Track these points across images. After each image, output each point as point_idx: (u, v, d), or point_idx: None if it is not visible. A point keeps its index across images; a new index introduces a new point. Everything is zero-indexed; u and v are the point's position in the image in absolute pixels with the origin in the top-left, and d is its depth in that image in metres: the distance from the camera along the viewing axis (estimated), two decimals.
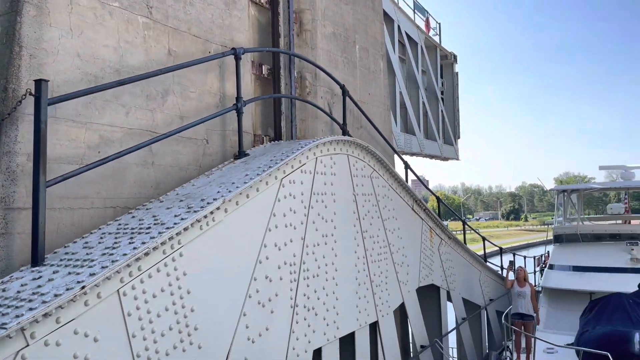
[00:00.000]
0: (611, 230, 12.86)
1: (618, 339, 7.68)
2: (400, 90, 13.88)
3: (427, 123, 16.16)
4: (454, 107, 18.70)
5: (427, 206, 9.78)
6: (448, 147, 17.73)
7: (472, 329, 11.88)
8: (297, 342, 5.68)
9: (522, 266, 10.98)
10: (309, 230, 6.12)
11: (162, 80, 5.75)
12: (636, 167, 14.68)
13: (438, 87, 17.30)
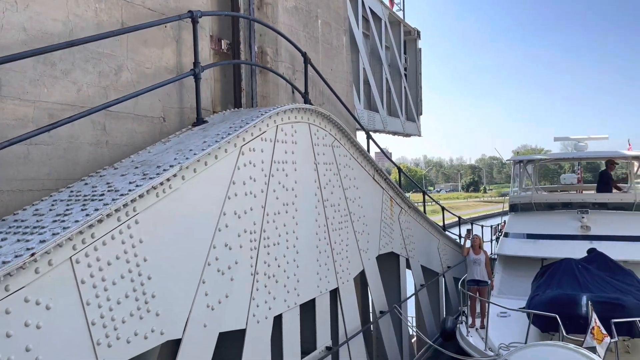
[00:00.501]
0: (564, 200, 13.35)
1: (566, 302, 8.04)
2: (364, 66, 13.77)
3: (390, 100, 16.15)
4: (417, 83, 18.74)
5: (388, 176, 9.89)
6: (410, 124, 17.82)
7: (430, 295, 12.25)
8: (257, 309, 5.72)
9: (478, 234, 11.29)
10: (269, 199, 6.10)
11: (115, 56, 5.53)
12: (589, 138, 15.19)
13: (401, 63, 17.26)
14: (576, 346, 3.11)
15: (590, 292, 8.28)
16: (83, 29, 5.19)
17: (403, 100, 17.34)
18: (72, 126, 4.96)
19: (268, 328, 5.89)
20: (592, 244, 11.17)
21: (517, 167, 15.22)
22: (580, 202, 12.86)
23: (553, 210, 13.12)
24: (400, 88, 17.14)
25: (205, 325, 4.94)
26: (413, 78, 18.62)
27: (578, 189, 15.66)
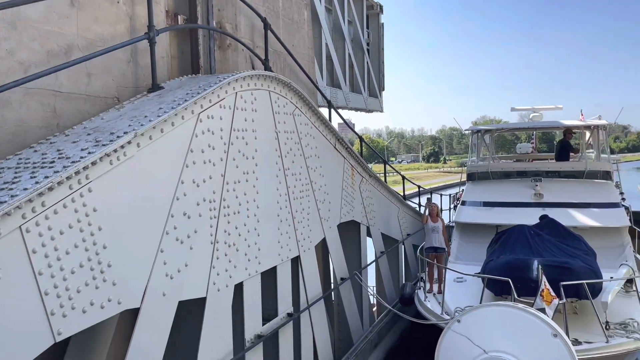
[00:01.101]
0: (519, 168, 13.73)
1: (519, 267, 8.35)
2: (326, 41, 13.52)
3: (353, 75, 15.95)
4: (379, 58, 18.57)
5: (349, 145, 9.91)
6: (373, 100, 17.71)
7: (390, 262, 12.52)
8: (217, 277, 5.70)
9: (436, 203, 11.53)
10: (229, 167, 6.02)
11: (64, 34, 5.25)
12: (544, 108, 15.61)
13: (364, 38, 17.05)
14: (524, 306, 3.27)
15: (542, 257, 8.61)
16: (29, 6, 4.87)
17: (365, 76, 17.19)
18: (20, 109, 4.75)
19: (229, 296, 5.90)
20: (544, 210, 11.57)
21: (475, 137, 15.52)
22: (534, 171, 13.27)
23: (508, 179, 13.49)
24: (362, 64, 16.96)
25: (164, 294, 4.90)
26: (375, 53, 18.42)
27: (532, 157, 16.12)
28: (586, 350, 7.06)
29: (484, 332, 3.27)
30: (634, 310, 8.27)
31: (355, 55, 16.13)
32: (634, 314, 8.21)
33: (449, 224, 14.35)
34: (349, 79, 15.46)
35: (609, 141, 15.55)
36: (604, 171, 13.02)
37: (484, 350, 3.27)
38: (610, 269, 9.85)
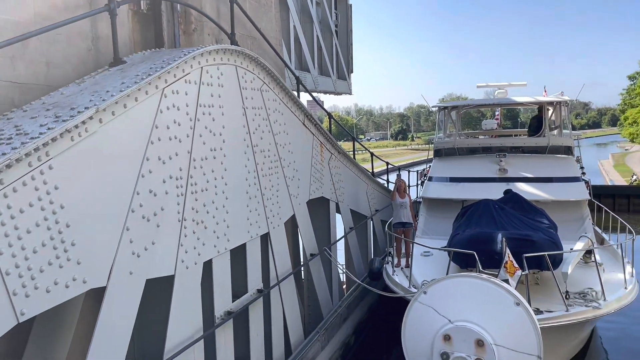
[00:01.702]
0: (484, 144, 13.97)
1: (483, 240, 8.54)
2: (294, 24, 13.27)
3: (322, 58, 15.74)
4: (348, 41, 18.36)
5: (318, 121, 9.87)
6: (342, 82, 17.55)
7: (359, 238, 12.65)
8: (186, 255, 5.65)
9: (403, 179, 11.65)
10: (195, 144, 5.93)
11: (20, 22, 4.99)
12: (508, 85, 15.86)
13: (332, 20, 16.82)
14: (488, 276, 3.37)
15: (506, 230, 8.83)
16: None
17: (334, 59, 16.99)
18: None
19: (198, 274, 5.86)
20: (508, 185, 11.86)
21: (442, 113, 15.68)
22: (499, 146, 13.53)
23: (474, 155, 13.72)
24: (331, 46, 16.75)
25: (131, 272, 4.84)
26: (344, 35, 18.18)
27: (497, 133, 16.41)
28: (547, 319, 7.33)
29: (449, 303, 3.36)
30: (592, 280, 8.59)
31: (323, 37, 15.92)
32: (593, 283, 8.54)
33: (417, 200, 14.57)
34: (317, 62, 15.26)
35: (571, 117, 15.93)
36: (566, 146, 13.38)
37: (449, 320, 3.36)
38: (570, 240, 10.20)
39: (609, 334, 11.53)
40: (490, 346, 3.23)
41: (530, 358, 3.21)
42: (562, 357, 9.16)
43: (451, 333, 3.36)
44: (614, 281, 9.07)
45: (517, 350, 3.24)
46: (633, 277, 9.39)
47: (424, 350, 3.48)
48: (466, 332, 3.28)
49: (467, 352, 3.29)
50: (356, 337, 11.00)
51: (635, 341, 11.26)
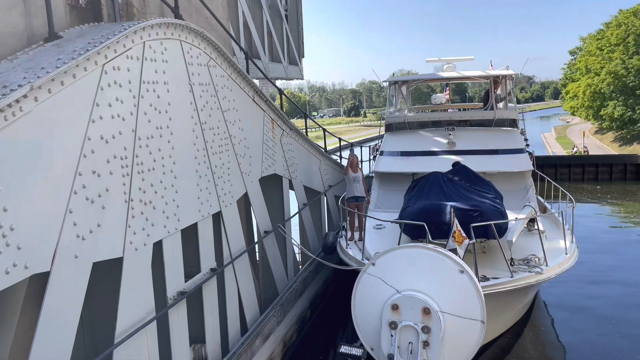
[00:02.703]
0: (433, 118, 14.22)
1: (433, 211, 8.74)
2: (243, 9, 12.87)
3: (272, 44, 15.41)
4: (298, 25, 18.03)
5: (268, 97, 9.75)
6: (293, 68, 17.24)
7: (313, 213, 12.73)
8: (134, 237, 5.52)
9: (356, 154, 11.74)
10: (140, 122, 5.73)
11: None
12: (456, 59, 16.13)
13: (282, 5, 16.46)
14: (433, 246, 3.46)
15: (454, 202, 9.08)
16: None
17: (285, 44, 16.65)
18: None
19: (147, 255, 5.75)
20: (457, 158, 12.17)
21: (392, 88, 15.81)
22: (448, 120, 13.81)
23: (424, 129, 13.95)
24: (281, 31, 16.38)
25: (77, 256, 4.68)
26: (294, 20, 17.80)
27: (446, 107, 16.73)
28: (493, 285, 7.64)
29: (396, 273, 3.44)
30: (535, 247, 8.99)
31: (273, 23, 15.54)
32: (536, 250, 8.94)
33: (369, 174, 14.76)
34: (268, 49, 14.91)
35: (515, 91, 16.40)
36: (511, 119, 13.81)
37: (397, 290, 3.44)
38: (515, 210, 10.61)
39: (552, 297, 12.18)
40: (437, 313, 3.34)
41: (474, 323, 3.34)
42: (508, 320, 9.63)
43: (399, 302, 3.45)
44: (555, 247, 9.51)
45: (461, 316, 3.37)
46: (573, 243, 9.89)
47: (373, 321, 3.56)
48: (413, 301, 3.37)
49: (414, 320, 3.39)
50: (312, 310, 11.15)
51: (575, 303, 11.95)
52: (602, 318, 11.00)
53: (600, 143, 46.43)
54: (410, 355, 3.37)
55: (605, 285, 12.95)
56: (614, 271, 13.99)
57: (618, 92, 41.31)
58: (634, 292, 12.47)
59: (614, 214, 22.28)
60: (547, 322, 11.15)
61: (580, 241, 10.61)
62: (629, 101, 40.65)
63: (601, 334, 10.29)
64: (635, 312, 11.28)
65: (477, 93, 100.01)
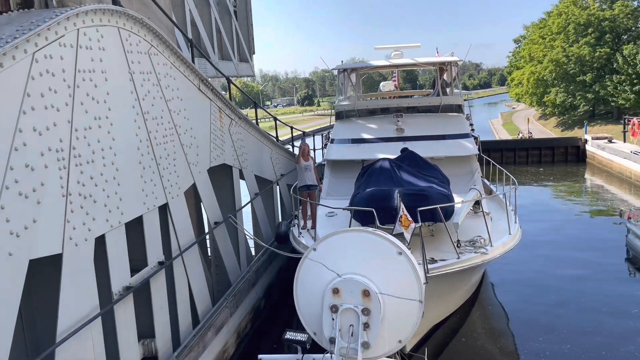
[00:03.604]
0: (382, 105, 14.38)
1: (381, 197, 8.86)
2: (190, 8, 12.50)
3: (222, 42, 15.10)
4: (248, 21, 17.75)
5: (215, 86, 9.58)
6: (244, 65, 16.99)
7: (265, 203, 12.67)
8: (74, 232, 5.33)
9: (307, 142, 11.74)
10: (76, 113, 5.51)
11: None
12: (404, 47, 16.31)
13: (230, 2, 16.13)
14: (373, 229, 3.53)
15: (402, 187, 9.23)
16: None
17: (235, 41, 16.37)
18: None
19: (89, 250, 5.56)
20: (405, 144, 12.35)
21: (342, 76, 15.87)
22: (396, 107, 14.00)
23: (373, 116, 14.10)
24: (231, 29, 16.10)
25: (11, 253, 4.48)
26: (244, 16, 17.49)
27: (395, 95, 16.95)
28: (440, 267, 7.85)
29: (337, 258, 3.47)
30: (481, 229, 9.28)
31: (222, 20, 15.24)
32: (481, 231, 9.22)
33: (321, 163, 14.81)
34: (217, 47, 14.61)
35: (463, 78, 16.79)
36: (457, 105, 14.14)
37: (338, 274, 3.48)
38: (461, 193, 10.91)
39: (498, 277, 12.65)
40: (376, 295, 3.39)
41: (412, 303, 3.42)
42: (457, 300, 9.93)
43: (339, 286, 3.48)
44: (500, 228, 9.84)
45: (400, 296, 3.44)
46: (516, 223, 10.26)
47: (315, 306, 3.59)
48: (353, 284, 3.41)
49: (355, 303, 3.43)
50: (266, 300, 11.14)
51: (520, 281, 12.46)
52: (546, 294, 11.53)
53: (544, 128, 48.34)
54: (351, 338, 3.42)
55: (547, 262, 13.56)
56: (556, 249, 14.67)
57: (560, 80, 43.01)
58: (573, 268, 13.12)
59: (555, 195, 23.30)
60: (494, 301, 11.58)
61: (524, 221, 11.03)
62: (569, 88, 42.42)
63: (545, 309, 10.78)
64: (575, 285, 11.89)
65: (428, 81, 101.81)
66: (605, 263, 13.35)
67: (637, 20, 41.06)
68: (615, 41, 41.05)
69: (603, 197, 21.82)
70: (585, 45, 40.15)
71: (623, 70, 36.98)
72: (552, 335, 9.56)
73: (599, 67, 40.05)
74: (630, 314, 10.29)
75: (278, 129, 16.36)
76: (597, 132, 34.63)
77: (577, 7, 43.39)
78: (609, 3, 42.16)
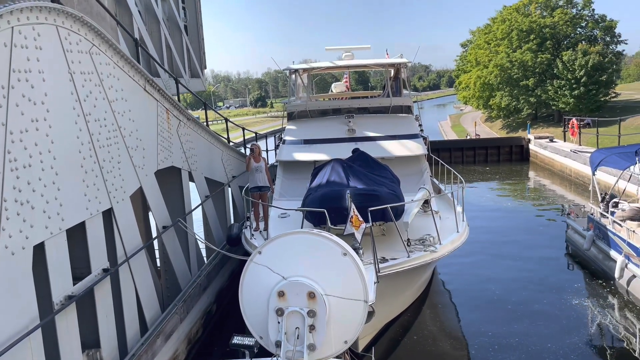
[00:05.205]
0: (334, 106, 14.46)
1: (333, 197, 8.88)
2: (138, 26, 12.12)
3: (172, 59, 14.75)
4: (199, 36, 17.43)
5: (161, 87, 9.36)
6: (195, 81, 16.63)
7: (216, 205, 12.48)
8: (10, 240, 5.06)
9: (257, 144, 11.66)
10: (12, 115, 5.24)
11: None
12: (354, 48, 16.47)
13: (180, 17, 15.78)
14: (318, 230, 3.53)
15: (354, 187, 9.29)
16: None
17: (185, 58, 16.01)
18: None
19: (26, 258, 5.29)
20: (356, 144, 12.47)
21: (294, 76, 15.85)
22: (348, 108, 14.12)
23: (325, 117, 14.16)
24: (181, 45, 15.73)
25: None
26: (194, 31, 17.11)
27: (346, 95, 17.08)
28: (391, 266, 7.95)
29: (283, 260, 3.44)
30: (430, 227, 9.47)
31: (172, 36, 14.88)
32: (431, 230, 9.41)
33: (274, 164, 14.73)
34: (167, 64, 14.24)
35: (413, 80, 17.10)
36: (406, 106, 14.39)
37: (283, 277, 3.45)
38: (411, 192, 11.10)
39: (447, 275, 12.96)
40: (321, 297, 3.39)
41: (357, 303, 3.44)
42: (408, 298, 10.10)
43: (285, 289, 3.45)
44: (448, 226, 10.08)
45: (345, 297, 3.45)
46: (464, 221, 10.54)
47: (261, 309, 3.55)
48: (298, 287, 3.40)
49: (300, 305, 3.42)
50: (218, 304, 10.97)
51: (468, 277, 12.81)
52: (493, 289, 11.90)
53: (490, 130, 49.94)
54: (297, 340, 3.40)
55: (493, 258, 14.01)
56: (501, 245, 15.18)
57: (504, 84, 44.53)
58: (518, 262, 13.62)
59: (501, 193, 24.14)
60: (444, 299, 11.85)
61: (471, 219, 11.35)
62: (514, 92, 44.02)
63: (493, 304, 11.12)
64: (520, 279, 12.34)
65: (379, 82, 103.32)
66: (547, 257, 13.93)
67: (575, 27, 43.11)
68: (555, 47, 42.91)
69: (545, 195, 22.78)
70: (527, 51, 41.75)
71: (563, 76, 38.72)
72: (501, 330, 9.87)
73: (540, 72, 41.73)
74: (570, 305, 10.77)
75: (230, 132, 16.16)
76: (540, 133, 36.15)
77: (519, 14, 45.08)
78: (549, 11, 44.05)
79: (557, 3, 44.41)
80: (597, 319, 10.23)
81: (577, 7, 43.86)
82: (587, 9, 43.52)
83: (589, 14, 43.78)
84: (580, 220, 14.15)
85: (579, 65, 37.62)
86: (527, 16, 44.20)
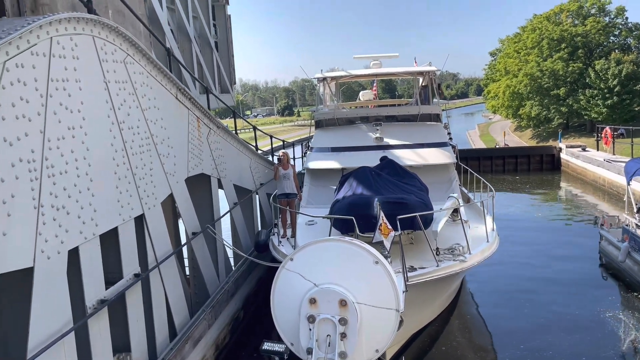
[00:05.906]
0: (362, 114, 14.46)
1: (361, 205, 8.86)
2: (170, 45, 12.42)
3: (203, 76, 15.02)
4: (229, 52, 17.72)
5: (193, 96, 9.51)
6: (225, 96, 16.93)
7: (244, 212, 12.58)
8: (46, 244, 5.19)
9: (286, 151, 11.71)
10: (49, 122, 5.40)
11: None
12: (382, 56, 16.46)
13: (211, 34, 16.08)
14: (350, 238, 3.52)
15: (381, 195, 9.25)
16: None
17: (216, 74, 16.28)
18: None
19: (62, 263, 5.43)
20: (384, 152, 12.42)
21: (322, 85, 15.92)
22: (375, 116, 14.09)
23: (353, 125, 14.16)
24: (212, 61, 15.99)
25: None
26: (225, 47, 17.40)
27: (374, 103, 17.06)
28: (420, 275, 7.86)
29: (315, 267, 3.44)
30: (459, 236, 9.34)
31: (203, 53, 15.17)
32: (460, 239, 9.28)
33: (301, 171, 14.79)
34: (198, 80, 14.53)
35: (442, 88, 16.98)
36: (435, 114, 14.28)
37: (315, 284, 3.45)
38: (440, 201, 10.97)
39: (477, 285, 12.74)
40: (353, 305, 3.37)
41: (389, 312, 3.41)
42: (436, 309, 9.96)
43: (316, 296, 3.45)
44: (478, 236, 9.92)
45: (377, 305, 3.43)
46: (494, 231, 10.36)
47: (292, 316, 3.55)
48: (330, 294, 3.39)
49: (331, 313, 3.41)
50: (245, 311, 11.02)
51: (499, 289, 12.57)
52: (523, 300, 11.64)
53: (520, 140, 49.11)
54: (329, 348, 3.39)
55: (524, 269, 13.72)
56: (532, 256, 14.86)
57: (534, 93, 43.74)
58: (550, 274, 13.30)
59: (532, 202, 23.65)
60: (473, 309, 11.65)
61: (501, 229, 11.15)
62: (544, 101, 43.19)
63: (523, 316, 10.88)
64: (551, 292, 12.04)
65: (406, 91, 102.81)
66: (580, 269, 13.57)
67: (608, 36, 42.12)
68: (587, 56, 41.99)
69: (577, 205, 22.24)
70: (558, 60, 40.95)
71: (595, 85, 37.83)
72: (531, 343, 9.64)
73: (572, 82, 40.86)
74: (604, 318, 10.45)
75: (258, 140, 16.30)
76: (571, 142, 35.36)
77: (550, 23, 44.31)
78: (581, 19, 43.18)
79: (589, 11, 43.46)
80: (632, 333, 9.90)
81: (610, 15, 42.86)
82: (620, 17, 42.48)
83: (622, 22, 42.73)
84: (614, 231, 13.75)
85: (612, 75, 36.67)
86: (558, 25, 43.39)
